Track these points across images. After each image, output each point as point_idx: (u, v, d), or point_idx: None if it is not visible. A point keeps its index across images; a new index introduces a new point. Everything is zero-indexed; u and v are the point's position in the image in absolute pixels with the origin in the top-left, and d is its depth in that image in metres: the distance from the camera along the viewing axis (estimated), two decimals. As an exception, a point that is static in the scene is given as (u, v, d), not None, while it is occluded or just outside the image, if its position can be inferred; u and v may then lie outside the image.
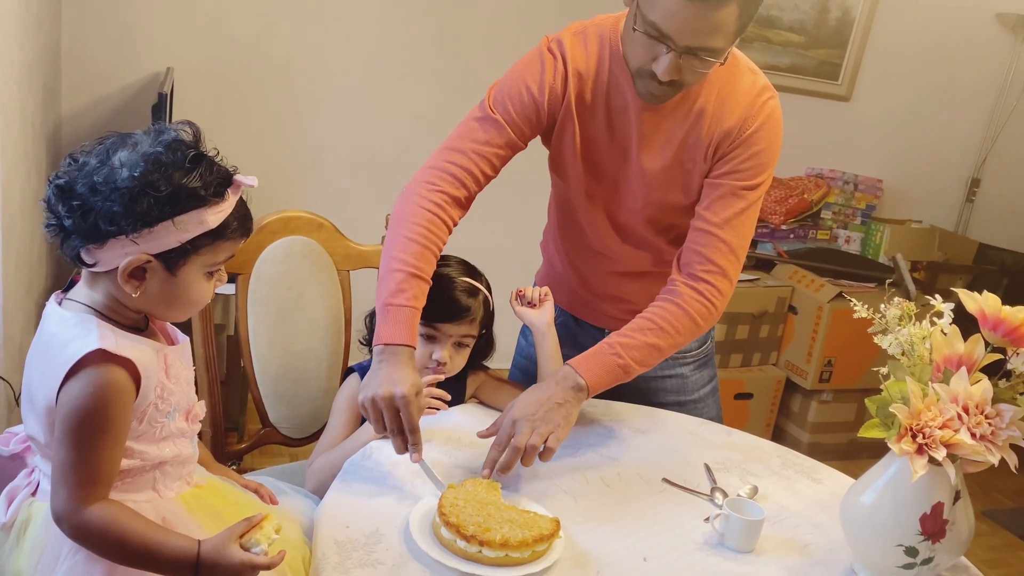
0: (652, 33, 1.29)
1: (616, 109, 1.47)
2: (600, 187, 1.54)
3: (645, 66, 1.34)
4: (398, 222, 1.40)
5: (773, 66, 3.54)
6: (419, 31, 3.14)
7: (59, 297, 1.08)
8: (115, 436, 1.01)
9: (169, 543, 0.99)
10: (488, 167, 1.46)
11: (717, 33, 1.28)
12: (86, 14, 2.73)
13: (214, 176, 1.04)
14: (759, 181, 1.46)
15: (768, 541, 1.28)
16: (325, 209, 1.90)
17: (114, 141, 1.04)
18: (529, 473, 1.36)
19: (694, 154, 1.47)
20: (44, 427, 1.03)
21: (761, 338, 3.33)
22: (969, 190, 4.06)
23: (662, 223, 1.56)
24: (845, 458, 3.30)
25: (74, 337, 1.01)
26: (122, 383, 1.01)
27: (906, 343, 1.20)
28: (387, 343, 1.30)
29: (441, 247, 1.42)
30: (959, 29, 3.77)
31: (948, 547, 1.17)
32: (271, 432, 1.80)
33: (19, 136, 2.00)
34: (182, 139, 1.04)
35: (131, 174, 0.99)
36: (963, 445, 1.09)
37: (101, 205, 0.99)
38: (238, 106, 2.98)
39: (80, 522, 0.98)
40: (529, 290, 1.59)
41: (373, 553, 1.13)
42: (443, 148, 1.46)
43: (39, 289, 2.31)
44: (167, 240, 1.01)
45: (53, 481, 1.00)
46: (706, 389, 1.73)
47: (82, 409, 0.98)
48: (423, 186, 1.42)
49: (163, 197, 0.99)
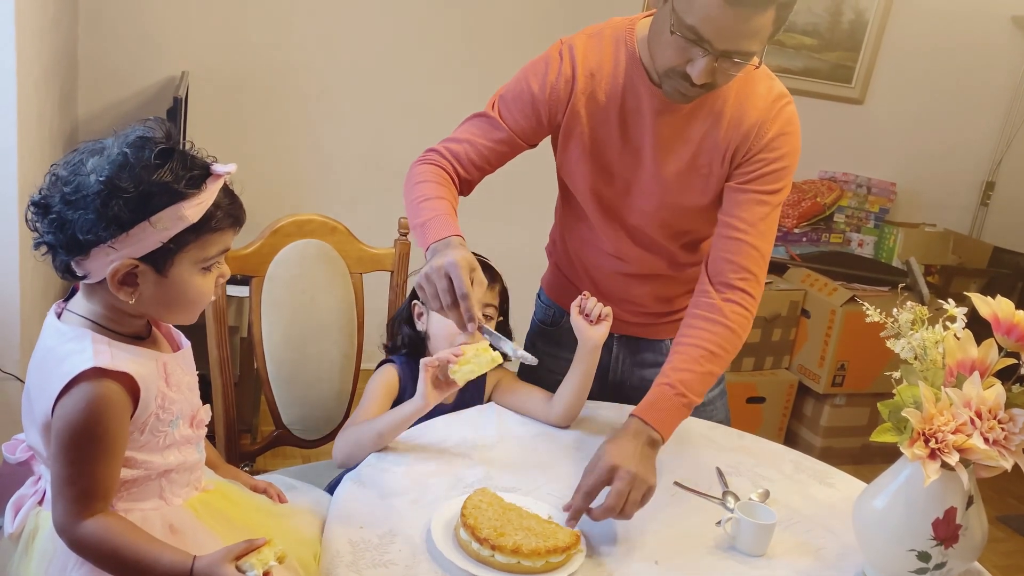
0: (690, 36, 1.29)
1: (630, 111, 1.47)
2: (610, 189, 1.54)
3: (678, 68, 1.33)
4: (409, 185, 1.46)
5: (786, 69, 3.53)
6: (433, 35, 3.15)
7: (59, 308, 1.07)
8: (110, 450, 1.00)
9: (163, 558, 0.98)
10: (482, 160, 1.50)
11: (755, 37, 1.28)
12: (102, 19, 2.76)
13: (187, 168, 1.00)
14: (782, 186, 1.46)
15: (780, 545, 1.28)
16: (338, 212, 1.91)
17: (85, 150, 1.02)
18: (544, 480, 1.37)
19: (711, 157, 1.47)
20: (43, 439, 1.03)
21: (773, 342, 3.32)
22: (984, 193, 4.04)
23: (673, 226, 1.56)
24: (857, 463, 3.28)
25: (70, 353, 1.00)
26: (116, 398, 1.00)
27: (919, 347, 1.19)
28: (435, 240, 1.32)
29: (456, 197, 1.46)
30: (974, 32, 3.75)
31: (961, 552, 1.17)
32: (284, 434, 1.81)
33: (37, 139, 2.02)
34: (148, 136, 1.01)
35: (98, 179, 0.97)
36: (976, 450, 1.09)
37: (75, 216, 0.97)
38: (252, 110, 3.00)
39: (77, 536, 0.98)
40: (592, 302, 1.50)
41: (386, 553, 1.14)
42: (442, 140, 1.53)
43: (56, 291, 2.33)
44: (148, 242, 0.99)
45: (52, 495, 1.00)
46: (714, 392, 1.72)
47: (76, 424, 0.97)
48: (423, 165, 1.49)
49: (133, 198, 0.97)
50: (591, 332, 1.49)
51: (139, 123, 1.04)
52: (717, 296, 1.43)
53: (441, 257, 1.27)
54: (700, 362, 1.38)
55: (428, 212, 1.38)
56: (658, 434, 1.32)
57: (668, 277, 1.62)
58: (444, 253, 1.28)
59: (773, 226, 1.47)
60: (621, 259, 1.61)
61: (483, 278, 1.29)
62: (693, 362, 1.38)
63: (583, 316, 1.50)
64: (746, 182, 1.46)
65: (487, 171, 1.53)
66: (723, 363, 1.41)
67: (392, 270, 1.89)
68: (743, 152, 1.45)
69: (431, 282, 1.26)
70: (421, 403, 1.36)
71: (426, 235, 1.35)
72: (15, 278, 1.84)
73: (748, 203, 1.45)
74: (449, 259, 1.26)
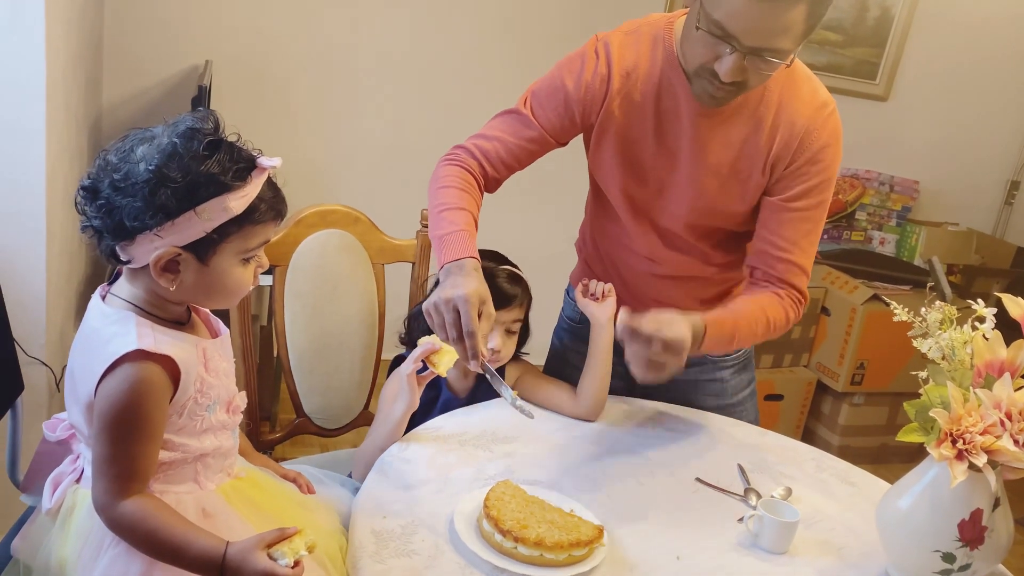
0: (716, 32, 1.25)
1: (666, 112, 1.43)
2: (643, 191, 1.51)
3: (707, 65, 1.30)
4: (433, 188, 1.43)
5: (810, 65, 3.42)
6: (457, 26, 3.14)
7: (103, 291, 1.09)
8: (151, 432, 1.02)
9: (198, 541, 0.99)
10: (512, 158, 1.46)
11: (785, 34, 1.23)
12: (128, 7, 2.77)
13: (234, 161, 1.01)
14: (825, 198, 1.46)
15: (802, 543, 1.28)
16: (361, 203, 1.91)
17: (135, 137, 1.03)
18: (566, 473, 1.37)
19: (752, 163, 1.43)
20: (85, 419, 1.05)
21: (793, 339, 3.30)
22: (1008, 193, 3.99)
23: (706, 229, 1.53)
24: (875, 462, 3.27)
25: (114, 335, 1.02)
26: (158, 380, 1.01)
27: (947, 347, 1.18)
28: (449, 260, 1.29)
29: (479, 200, 1.44)
30: (1000, 30, 3.70)
31: (986, 554, 1.16)
32: (304, 423, 1.82)
33: (63, 127, 2.03)
34: (198, 127, 1.02)
35: (147, 168, 0.98)
36: (1005, 452, 1.08)
37: (124, 202, 0.99)
38: (276, 98, 3.01)
39: (115, 515, 1.00)
40: (594, 283, 1.58)
41: (410, 543, 1.14)
42: (470, 137, 1.49)
43: (80, 277, 2.35)
44: (192, 231, 1.00)
45: (92, 473, 1.02)
46: (745, 392, 1.72)
47: (118, 405, 0.99)
48: (449, 164, 1.46)
49: (181, 188, 0.98)
50: (599, 310, 1.56)
51: (189, 113, 1.05)
52: (777, 289, 1.46)
53: (452, 288, 1.23)
54: (756, 324, 1.41)
55: (447, 225, 1.35)
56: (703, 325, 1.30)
57: (703, 279, 1.60)
58: (456, 282, 1.24)
59: (816, 241, 1.48)
60: (654, 260, 1.59)
61: (491, 310, 1.25)
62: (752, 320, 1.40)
63: (590, 298, 1.57)
64: (789, 199, 1.43)
65: (516, 169, 1.50)
66: (767, 334, 1.44)
67: (414, 261, 1.89)
68: (786, 161, 1.42)
69: (439, 313, 1.23)
70: (408, 401, 1.40)
71: (442, 252, 1.32)
72: (42, 263, 1.85)
73: (792, 221, 1.44)
74: (460, 292, 1.22)
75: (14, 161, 1.79)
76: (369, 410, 1.87)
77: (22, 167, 1.80)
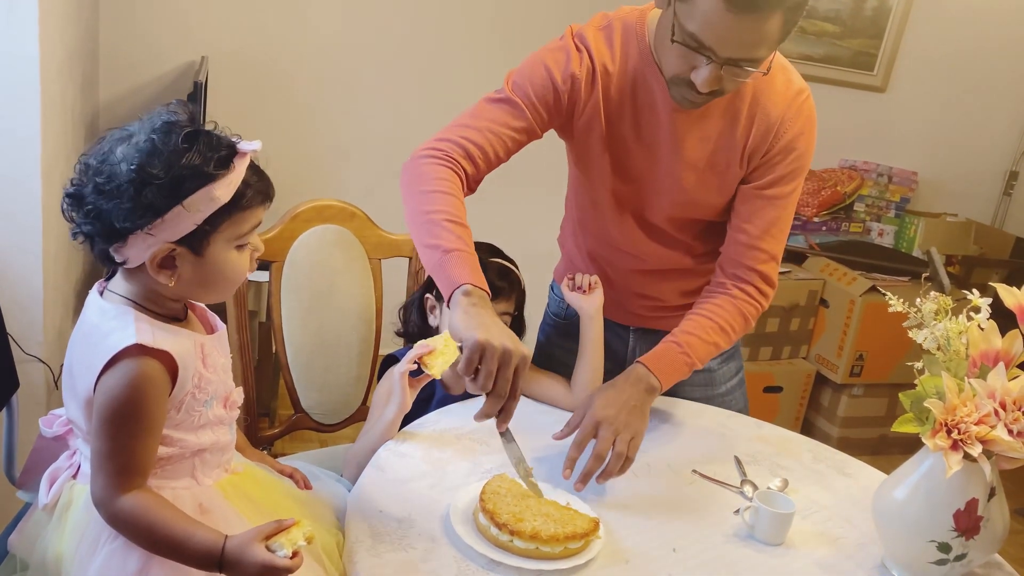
0: (692, 44, 1.23)
1: (643, 107, 1.42)
2: (627, 186, 1.50)
3: (683, 75, 1.29)
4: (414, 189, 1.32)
5: (807, 56, 3.50)
6: (453, 22, 3.14)
7: (101, 286, 1.09)
8: (150, 427, 1.02)
9: (197, 535, 1.00)
10: (501, 148, 1.38)
11: (761, 44, 1.22)
12: (123, 4, 2.77)
13: (215, 149, 1.01)
14: (795, 186, 1.46)
15: (798, 534, 1.28)
16: (357, 198, 1.91)
17: (112, 138, 1.03)
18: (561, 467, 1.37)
19: (729, 156, 1.43)
20: (84, 414, 1.05)
21: (791, 331, 3.30)
22: (1007, 183, 3.99)
23: (687, 221, 1.53)
24: (875, 453, 3.27)
25: (113, 330, 1.02)
26: (157, 375, 1.02)
27: (942, 338, 1.18)
28: (470, 283, 1.19)
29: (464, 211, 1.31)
30: (998, 20, 3.70)
31: (982, 544, 1.16)
32: (303, 418, 1.83)
33: (60, 124, 2.03)
34: (174, 120, 1.01)
35: (129, 168, 0.98)
36: (1000, 441, 1.08)
37: (110, 205, 0.99)
38: (272, 94, 3.00)
39: (115, 510, 1.00)
40: (580, 276, 1.60)
41: (406, 538, 1.15)
42: (454, 124, 1.40)
43: (77, 275, 2.35)
44: (183, 225, 1.00)
45: (91, 469, 1.02)
46: (733, 382, 1.72)
47: (117, 400, 0.99)
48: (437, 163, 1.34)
49: (165, 184, 0.98)
50: (587, 301, 1.58)
51: (162, 107, 1.04)
52: (732, 286, 1.47)
53: (507, 336, 1.13)
54: (708, 332, 1.42)
55: (448, 239, 1.24)
56: (659, 382, 1.36)
57: (686, 271, 1.59)
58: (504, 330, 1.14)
59: (786, 228, 1.48)
60: (637, 255, 1.58)
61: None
62: (702, 330, 1.42)
63: (576, 291, 1.59)
64: (761, 187, 1.44)
65: (498, 165, 1.41)
66: (729, 340, 1.46)
67: (410, 256, 1.89)
68: (762, 151, 1.43)
69: (485, 358, 1.11)
70: (400, 403, 1.39)
71: (453, 268, 1.21)
72: (39, 261, 1.86)
73: (762, 208, 1.45)
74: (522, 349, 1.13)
75: (10, 159, 1.79)
76: (366, 405, 1.88)
77: (18, 165, 1.80)
